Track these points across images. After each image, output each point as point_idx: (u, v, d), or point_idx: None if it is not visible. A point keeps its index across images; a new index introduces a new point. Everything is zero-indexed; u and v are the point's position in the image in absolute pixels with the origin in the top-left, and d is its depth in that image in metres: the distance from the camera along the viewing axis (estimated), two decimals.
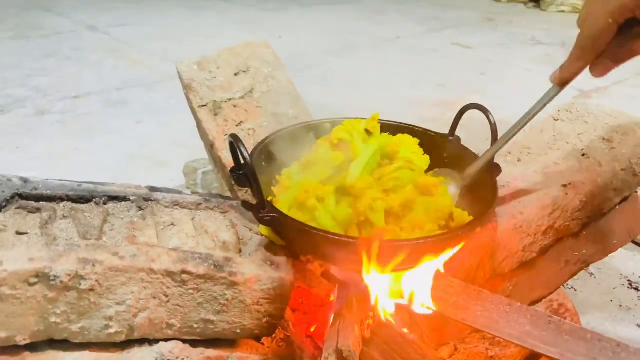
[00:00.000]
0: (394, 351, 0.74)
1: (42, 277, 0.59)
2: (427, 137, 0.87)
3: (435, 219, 0.73)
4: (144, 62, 2.78)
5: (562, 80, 0.69)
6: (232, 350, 0.71)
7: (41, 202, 0.70)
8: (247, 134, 0.95)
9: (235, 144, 0.67)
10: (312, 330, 0.85)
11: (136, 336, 0.66)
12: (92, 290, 0.62)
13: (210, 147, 0.96)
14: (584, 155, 0.92)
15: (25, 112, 2.15)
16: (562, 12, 4.19)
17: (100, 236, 0.67)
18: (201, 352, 0.69)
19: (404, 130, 0.87)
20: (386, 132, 0.86)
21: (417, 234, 0.70)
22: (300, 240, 0.72)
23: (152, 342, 0.67)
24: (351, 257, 0.68)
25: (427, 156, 0.83)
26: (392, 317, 0.78)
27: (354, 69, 2.80)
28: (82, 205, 0.72)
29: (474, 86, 2.57)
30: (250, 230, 0.76)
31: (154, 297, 0.65)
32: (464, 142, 0.88)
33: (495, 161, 0.80)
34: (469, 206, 0.77)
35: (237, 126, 0.95)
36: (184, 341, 0.68)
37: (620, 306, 1.23)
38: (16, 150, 1.85)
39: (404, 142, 0.83)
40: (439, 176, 0.81)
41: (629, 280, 1.32)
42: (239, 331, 0.70)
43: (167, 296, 0.65)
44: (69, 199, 0.72)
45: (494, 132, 0.80)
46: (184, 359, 0.68)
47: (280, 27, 3.49)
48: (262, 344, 0.75)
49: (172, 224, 0.74)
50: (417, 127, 0.89)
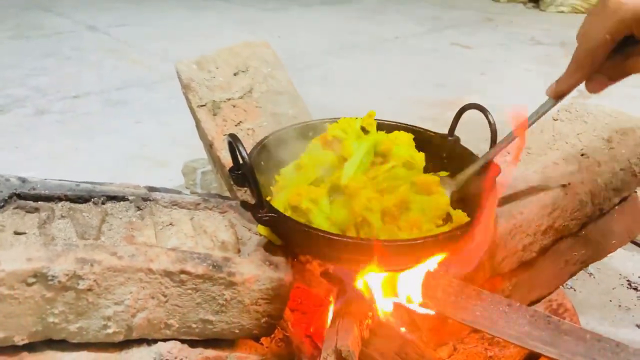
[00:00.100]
0: (392, 351, 0.74)
1: (40, 277, 0.59)
2: (426, 137, 0.87)
3: (432, 218, 0.72)
4: (143, 62, 2.78)
5: (558, 93, 0.70)
6: (231, 350, 0.71)
7: (39, 202, 0.70)
8: (246, 133, 0.94)
9: (234, 143, 0.66)
10: (311, 330, 0.85)
11: (134, 336, 0.66)
12: (90, 290, 0.62)
13: (209, 147, 0.96)
14: (583, 155, 0.92)
15: (24, 111, 2.15)
16: (562, 12, 4.18)
17: (98, 236, 0.67)
18: (200, 352, 0.69)
19: (402, 129, 0.87)
20: (384, 132, 0.86)
21: (415, 234, 0.70)
22: (299, 240, 0.72)
23: (151, 342, 0.67)
24: (350, 257, 0.68)
25: (421, 154, 0.83)
26: (391, 317, 0.78)
27: (354, 69, 2.80)
28: (80, 205, 0.72)
29: (474, 86, 2.57)
30: (249, 230, 0.76)
31: (153, 297, 0.65)
32: (464, 142, 0.87)
33: (494, 161, 0.80)
34: (468, 206, 0.77)
35: (236, 126, 0.95)
36: (183, 341, 0.68)
37: (619, 306, 1.23)
38: (15, 150, 1.85)
39: (399, 139, 0.82)
40: None
41: (628, 280, 1.32)
42: (237, 331, 0.70)
43: (165, 296, 0.65)
44: (67, 198, 0.72)
45: (494, 132, 0.80)
46: (182, 359, 0.67)
47: (280, 27, 3.49)
48: (261, 344, 0.75)
49: (170, 224, 0.74)
50: (415, 126, 0.89)
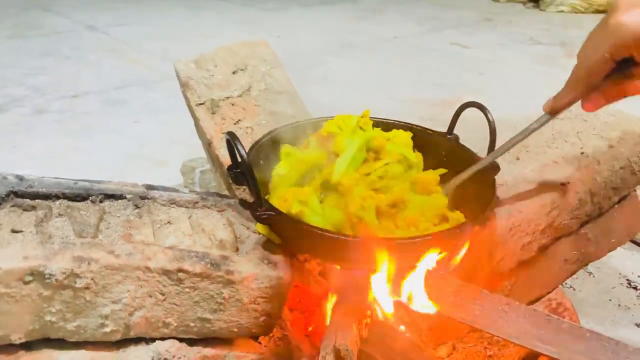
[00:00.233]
0: (391, 350, 0.74)
1: (37, 276, 0.59)
2: (425, 135, 0.87)
3: (430, 218, 0.72)
4: (143, 62, 2.78)
5: (554, 109, 0.70)
6: (229, 349, 0.71)
7: (37, 200, 0.69)
8: (244, 132, 0.94)
9: (232, 141, 0.66)
10: (309, 329, 0.85)
11: (132, 335, 0.66)
12: (87, 288, 0.61)
13: (207, 145, 0.96)
14: (582, 153, 0.92)
15: (23, 111, 2.15)
16: (561, 12, 4.18)
17: (96, 234, 0.67)
18: (198, 351, 0.69)
19: (400, 127, 0.87)
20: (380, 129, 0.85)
21: (413, 232, 0.70)
22: (297, 238, 0.71)
23: (149, 341, 0.67)
24: (349, 255, 0.68)
25: (418, 154, 0.83)
26: (390, 316, 0.78)
27: (354, 69, 2.80)
28: (78, 203, 0.71)
29: (473, 86, 2.57)
30: (247, 228, 0.76)
31: (150, 296, 0.64)
32: (463, 141, 0.87)
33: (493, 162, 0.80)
34: (467, 205, 0.77)
35: (234, 124, 0.95)
36: (181, 340, 0.68)
37: (618, 305, 1.23)
38: (14, 149, 1.84)
39: (396, 138, 0.82)
40: None
41: (627, 279, 1.32)
42: (236, 330, 0.70)
43: (163, 295, 0.65)
44: (65, 196, 0.71)
45: (493, 131, 0.80)
46: (180, 358, 0.67)
47: (280, 27, 3.49)
48: (260, 343, 0.75)
49: (168, 222, 0.73)
50: (414, 125, 0.89)
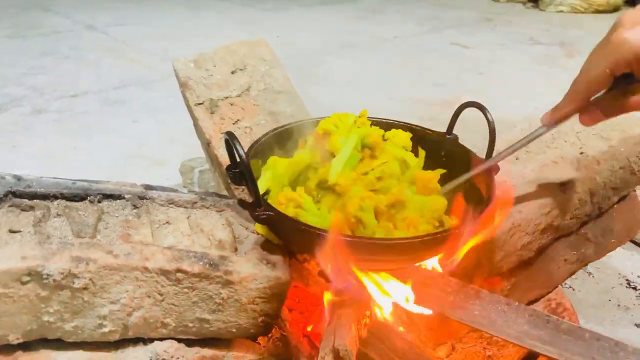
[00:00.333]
0: (391, 351, 0.74)
1: (35, 276, 0.59)
2: (424, 135, 0.87)
3: (430, 219, 0.72)
4: (142, 62, 2.78)
5: (552, 122, 0.70)
6: (228, 349, 0.71)
7: (35, 200, 0.69)
8: (243, 132, 0.94)
9: (231, 141, 0.66)
10: (308, 329, 0.85)
11: (130, 335, 0.66)
12: (85, 288, 0.61)
13: (206, 145, 0.96)
14: (582, 153, 0.91)
15: (22, 110, 2.15)
16: (561, 12, 4.18)
17: (94, 234, 0.67)
18: (196, 351, 0.69)
19: (399, 127, 0.87)
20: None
21: (412, 233, 0.69)
22: (296, 238, 0.71)
23: (147, 341, 0.67)
24: (349, 255, 0.68)
25: (421, 151, 0.83)
26: (389, 317, 0.77)
27: (354, 69, 2.80)
28: (76, 203, 0.71)
29: (473, 86, 2.57)
30: (246, 228, 0.76)
31: (149, 296, 0.64)
32: (462, 141, 0.87)
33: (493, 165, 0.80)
34: (467, 205, 0.77)
35: (233, 124, 0.95)
36: (179, 340, 0.68)
37: (618, 305, 1.23)
38: (13, 149, 1.84)
39: (395, 137, 0.82)
40: None
41: (627, 279, 1.32)
42: (234, 330, 0.69)
43: (161, 295, 0.65)
44: (63, 197, 0.71)
45: (492, 131, 0.80)
46: (179, 359, 0.67)
47: (280, 27, 3.48)
48: (258, 344, 0.75)
49: (167, 223, 0.73)
50: (413, 124, 0.89)
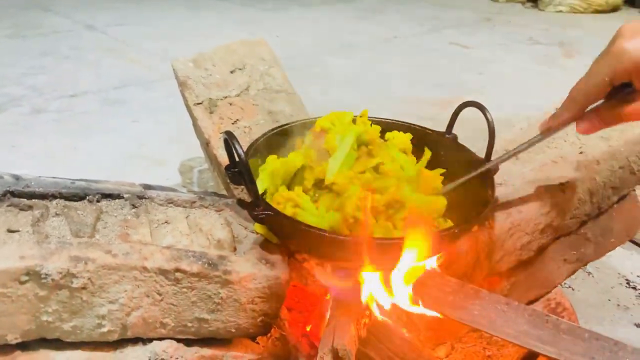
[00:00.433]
0: (390, 350, 0.74)
1: (33, 275, 0.59)
2: (423, 135, 0.87)
3: (430, 219, 0.72)
4: (142, 62, 2.77)
5: (550, 129, 0.71)
6: (227, 349, 0.71)
7: (33, 200, 0.69)
8: (242, 131, 0.94)
9: (230, 141, 0.66)
10: (307, 329, 0.85)
11: (129, 335, 0.66)
12: (84, 288, 0.61)
13: (205, 145, 0.95)
14: (581, 153, 0.91)
15: (21, 110, 2.14)
16: (560, 12, 4.18)
17: (93, 234, 0.66)
18: (195, 351, 0.68)
19: (399, 127, 0.87)
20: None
21: None
22: (295, 238, 0.71)
23: (146, 341, 0.67)
24: (348, 255, 0.68)
25: (427, 151, 0.83)
26: (389, 316, 0.77)
27: (353, 69, 2.80)
28: (75, 202, 0.71)
29: (472, 85, 2.57)
30: (245, 228, 0.76)
31: (147, 296, 0.64)
32: (461, 140, 0.87)
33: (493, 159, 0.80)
34: (466, 205, 0.77)
35: (232, 124, 0.95)
36: (178, 340, 0.68)
37: (617, 305, 1.23)
38: (12, 149, 1.84)
39: (395, 139, 0.82)
40: None
41: (626, 279, 1.31)
42: (233, 330, 0.69)
43: (160, 294, 0.65)
44: (62, 196, 0.71)
45: (492, 130, 0.80)
46: (178, 359, 0.67)
47: (280, 27, 3.48)
48: (257, 343, 0.75)
49: (166, 222, 0.73)
50: (413, 124, 0.89)
